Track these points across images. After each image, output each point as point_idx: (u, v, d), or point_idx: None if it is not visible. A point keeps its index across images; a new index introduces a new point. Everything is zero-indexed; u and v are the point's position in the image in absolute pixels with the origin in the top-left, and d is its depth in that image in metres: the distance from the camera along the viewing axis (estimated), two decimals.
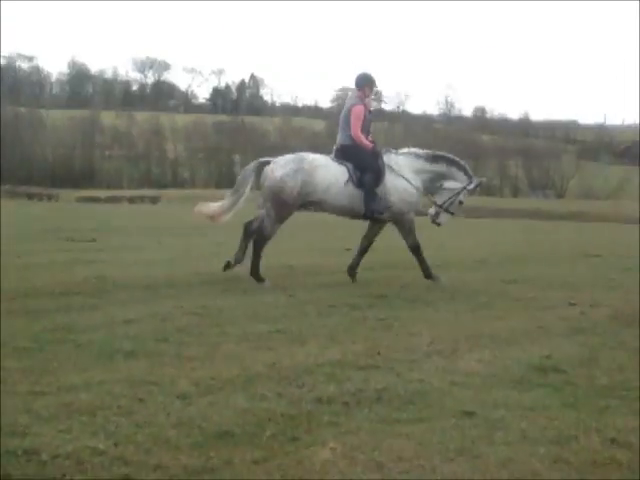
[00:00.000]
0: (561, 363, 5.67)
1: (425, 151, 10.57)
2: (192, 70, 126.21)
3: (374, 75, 10.49)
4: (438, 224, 10.41)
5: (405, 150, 10.51)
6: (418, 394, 4.83)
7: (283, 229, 10.09)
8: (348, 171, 10.06)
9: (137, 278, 9.42)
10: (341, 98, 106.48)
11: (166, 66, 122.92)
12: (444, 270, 9.92)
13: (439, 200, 10.32)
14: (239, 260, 10.19)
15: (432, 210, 10.36)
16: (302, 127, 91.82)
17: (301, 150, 10.91)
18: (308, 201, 10.10)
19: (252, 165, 10.42)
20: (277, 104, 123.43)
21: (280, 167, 10.02)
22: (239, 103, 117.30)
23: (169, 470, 3.60)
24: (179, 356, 5.69)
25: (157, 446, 3.86)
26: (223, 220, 10.28)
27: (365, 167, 10.04)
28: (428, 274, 10.11)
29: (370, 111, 10.51)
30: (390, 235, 10.40)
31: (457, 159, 10.61)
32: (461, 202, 10.34)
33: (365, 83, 10.39)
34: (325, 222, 18.22)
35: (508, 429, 4.20)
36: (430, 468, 3.67)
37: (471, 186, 10.29)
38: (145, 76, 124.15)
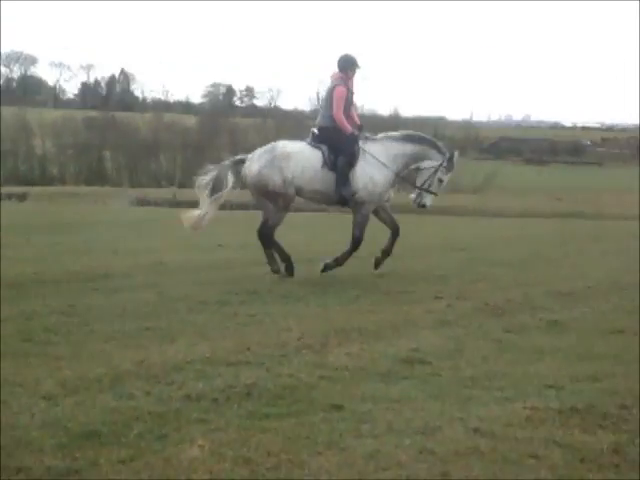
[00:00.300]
0: (427, 355, 5.81)
1: (398, 132, 10.57)
2: (60, 65, 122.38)
3: (355, 58, 10.30)
4: (423, 206, 10.16)
5: (381, 135, 10.33)
6: (287, 389, 4.86)
7: (153, 226, 9.90)
8: (323, 155, 9.93)
9: (4, 276, 9.05)
10: (212, 94, 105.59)
11: (33, 60, 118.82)
12: (316, 264, 9.94)
13: (418, 182, 10.14)
14: (276, 269, 9.91)
15: (413, 194, 10.19)
16: (173, 122, 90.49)
17: (174, 145, 10.75)
18: (296, 187, 9.91)
19: (227, 164, 10.29)
20: (148, 100, 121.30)
21: (255, 161, 9.99)
22: (109, 98, 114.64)
23: (32, 472, 3.50)
24: (45, 356, 5.54)
25: (20, 448, 3.74)
26: (204, 226, 10.18)
27: (340, 150, 9.89)
28: (332, 266, 9.93)
29: (353, 93, 10.36)
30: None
31: (429, 137, 10.63)
32: (441, 180, 10.11)
33: (348, 65, 10.24)
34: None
35: (375, 421, 4.27)
36: (298, 462, 3.70)
37: (445, 162, 10.04)
38: (11, 70, 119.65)
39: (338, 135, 9.94)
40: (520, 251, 12.08)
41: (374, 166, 9.94)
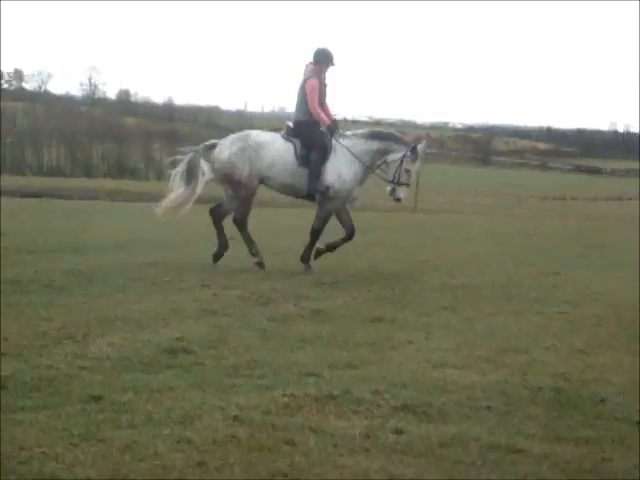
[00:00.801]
0: (191, 344, 5.82)
1: (361, 131, 10.72)
2: None
3: (332, 53, 10.36)
4: (398, 199, 10.41)
5: (349, 133, 10.53)
6: (45, 380, 4.71)
7: None
8: (295, 148, 10.04)
9: None
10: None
11: None
12: (82, 254, 9.66)
13: (389, 176, 10.27)
14: (224, 247, 10.13)
15: (388, 188, 10.30)
16: None
17: None
18: (262, 178, 10.10)
19: (200, 149, 10.34)
20: None
21: (226, 147, 10.08)
22: None
23: None
24: None
25: None
26: (183, 211, 10.22)
27: (313, 145, 10.04)
28: (307, 258, 10.14)
29: (326, 85, 10.43)
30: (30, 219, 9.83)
31: (388, 132, 10.92)
32: (408, 170, 10.24)
33: (322, 59, 10.30)
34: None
35: (134, 412, 4.23)
36: (53, 455, 3.59)
37: (408, 152, 10.19)
38: None
39: (313, 129, 10.15)
40: (288, 241, 12.30)
41: (343, 162, 10.14)
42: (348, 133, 10.50)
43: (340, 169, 10.08)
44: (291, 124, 10.30)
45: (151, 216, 10.38)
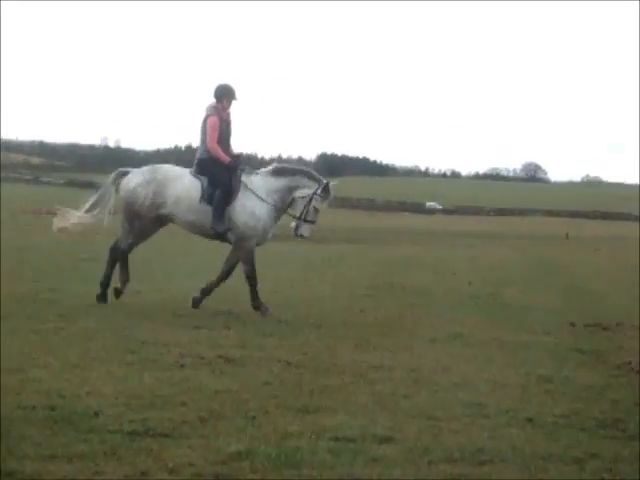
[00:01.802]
0: None
1: (270, 167, 10.35)
2: None
3: (233, 87, 10.20)
4: (301, 236, 10.12)
5: (262, 170, 10.32)
6: None
7: None
8: (202, 186, 9.82)
9: None
10: None
11: None
12: None
13: (297, 212, 10.00)
14: (124, 282, 9.96)
15: (293, 224, 10.07)
16: None
17: None
18: (161, 213, 9.91)
19: (112, 176, 10.27)
20: None
21: (135, 177, 10.00)
22: None
23: None
24: None
25: None
26: (76, 231, 10.33)
27: (217, 183, 9.78)
28: (256, 305, 9.82)
29: (228, 123, 10.17)
30: None
31: (298, 167, 10.67)
32: (316, 209, 9.98)
33: (223, 94, 10.08)
34: None
35: None
36: None
37: (319, 190, 9.93)
38: None
39: (216, 167, 9.87)
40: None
41: (256, 199, 9.89)
42: (260, 170, 10.38)
43: (254, 206, 9.91)
44: (195, 161, 10.13)
45: None
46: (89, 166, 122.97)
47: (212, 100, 10.22)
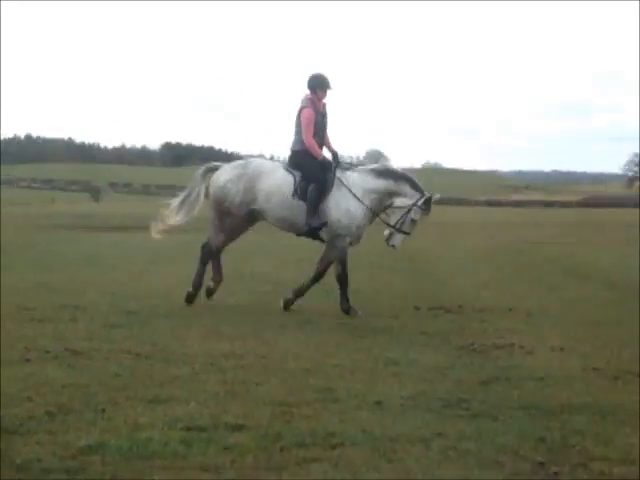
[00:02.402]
0: None
1: (371, 166, 9.94)
2: None
3: (325, 77, 9.67)
4: (393, 246, 9.66)
5: (361, 167, 9.90)
6: None
7: None
8: (294, 180, 9.45)
9: None
10: None
11: None
12: None
13: (392, 220, 9.53)
14: (217, 283, 9.92)
15: (386, 232, 9.55)
16: None
17: None
18: (253, 209, 9.63)
19: (201, 170, 10.05)
20: None
21: (226, 172, 9.74)
22: None
23: None
24: None
25: None
26: (168, 228, 10.04)
27: (311, 177, 9.39)
28: (345, 307, 9.50)
29: (324, 115, 9.71)
30: None
31: (406, 174, 9.78)
32: (413, 220, 9.48)
33: (316, 85, 9.61)
34: None
35: None
36: None
37: (421, 202, 9.41)
38: None
39: (309, 161, 9.49)
40: None
41: (352, 197, 9.43)
42: (359, 167, 9.95)
43: (347, 205, 9.46)
44: (290, 153, 9.79)
45: None
46: None
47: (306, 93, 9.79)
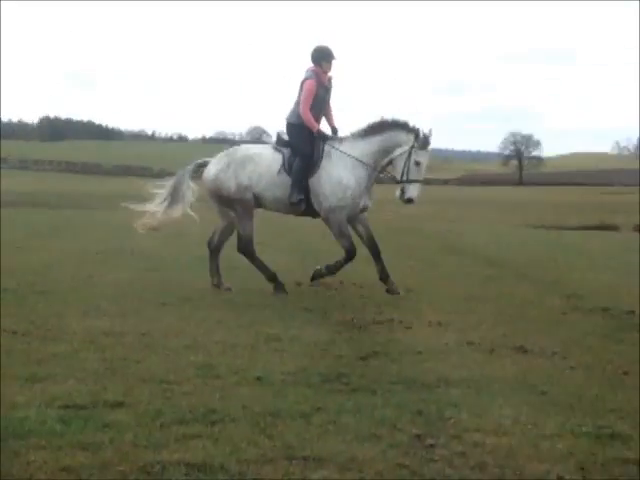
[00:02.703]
0: None
1: (358, 130, 9.42)
2: None
3: (330, 48, 9.45)
4: (410, 200, 9.15)
5: (348, 135, 9.48)
6: None
7: None
8: (283, 158, 9.30)
9: None
10: None
11: None
12: None
13: (397, 175, 9.14)
14: (220, 283, 9.69)
15: (397, 191, 9.18)
16: None
17: None
18: (253, 193, 9.40)
19: (189, 168, 9.89)
20: None
21: (214, 163, 9.63)
22: None
23: None
24: None
25: None
26: (157, 224, 9.89)
27: (299, 152, 9.21)
28: (323, 274, 9.73)
29: (328, 89, 9.46)
30: None
31: (392, 119, 9.28)
32: (418, 163, 9.03)
33: (321, 57, 9.36)
34: None
35: None
36: None
37: (419, 141, 9.03)
38: None
39: (302, 134, 9.28)
40: None
41: (342, 168, 9.19)
42: (347, 135, 9.51)
43: (339, 176, 9.21)
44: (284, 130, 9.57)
45: None
46: None
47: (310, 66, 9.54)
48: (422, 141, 9.12)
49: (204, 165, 9.92)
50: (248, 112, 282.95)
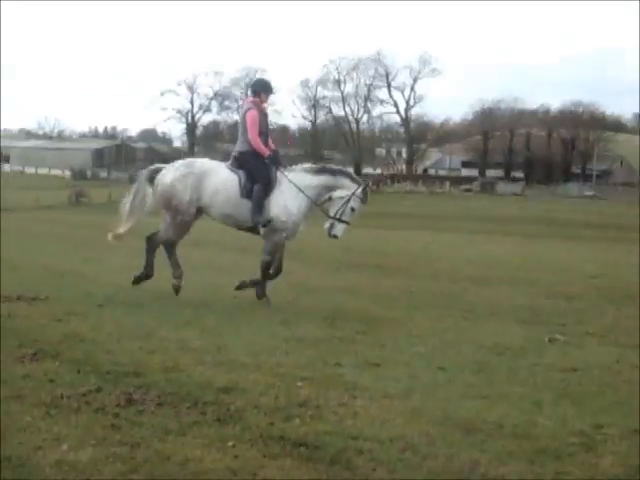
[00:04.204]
0: None
1: (310, 165, 10.47)
2: None
3: (270, 81, 10.47)
4: (335, 236, 10.09)
5: (299, 166, 10.36)
6: None
7: None
8: (239, 179, 9.90)
9: None
10: None
11: None
12: None
13: (331, 212, 10.06)
14: (150, 274, 10.23)
15: (327, 224, 10.07)
16: None
17: None
18: (200, 207, 9.99)
19: (145, 173, 10.39)
20: None
21: (170, 172, 10.05)
22: None
23: None
24: None
25: None
26: (123, 233, 10.27)
27: (256, 177, 9.87)
28: (261, 293, 10.06)
29: (266, 115, 10.31)
30: None
31: (340, 168, 10.57)
32: (353, 209, 10.04)
33: (261, 89, 10.27)
34: None
35: None
36: None
37: (359, 191, 10.00)
38: None
39: (255, 160, 9.93)
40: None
41: (288, 195, 9.93)
42: (297, 167, 10.34)
43: (285, 201, 9.93)
44: (235, 154, 10.14)
45: None
46: None
47: (249, 96, 10.44)
48: (364, 194, 10.09)
49: (158, 171, 10.33)
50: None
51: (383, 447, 4.91)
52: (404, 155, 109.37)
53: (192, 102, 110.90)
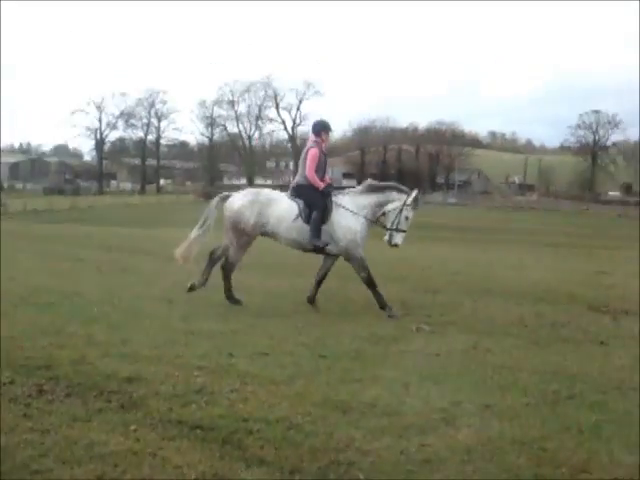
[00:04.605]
0: None
1: (359, 187, 10.38)
2: None
3: (328, 121, 10.44)
4: (396, 245, 10.06)
5: (351, 189, 10.38)
6: None
7: None
8: (298, 207, 10.04)
9: None
10: None
11: None
12: None
13: (388, 223, 10.07)
14: (202, 284, 10.23)
15: (386, 236, 10.07)
16: None
17: None
18: (264, 231, 10.12)
19: (215, 200, 10.41)
20: None
21: (239, 199, 10.18)
22: None
23: None
24: None
25: None
26: (192, 257, 10.30)
27: (313, 204, 9.98)
28: (382, 305, 9.85)
29: (325, 154, 10.33)
30: None
31: (387, 184, 10.46)
32: (407, 217, 10.07)
33: (321, 129, 10.26)
34: None
35: None
36: None
37: (409, 200, 10.01)
38: None
39: (311, 192, 10.03)
40: None
41: (348, 216, 10.01)
42: (349, 190, 10.39)
43: (347, 222, 10.01)
44: (294, 185, 10.20)
45: None
46: None
47: (310, 135, 10.35)
48: (414, 202, 10.09)
49: (227, 198, 10.42)
50: None
51: (270, 427, 5.03)
52: (291, 167, 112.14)
53: (100, 120, 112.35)
